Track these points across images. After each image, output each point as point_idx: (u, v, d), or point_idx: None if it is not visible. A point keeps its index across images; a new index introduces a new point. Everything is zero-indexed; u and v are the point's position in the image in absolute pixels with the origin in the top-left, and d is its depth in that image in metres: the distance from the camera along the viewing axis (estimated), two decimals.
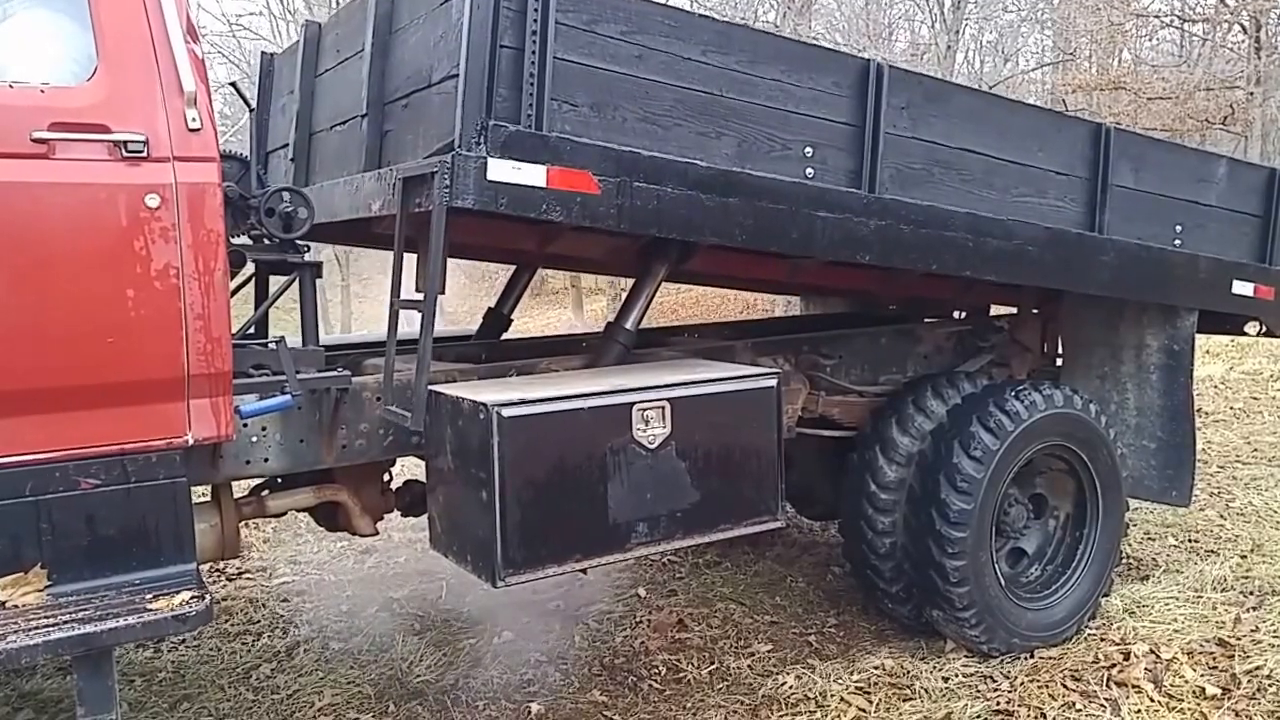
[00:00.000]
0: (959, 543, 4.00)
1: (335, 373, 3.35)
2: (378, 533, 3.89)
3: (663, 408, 3.16)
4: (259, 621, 5.00)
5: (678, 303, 20.39)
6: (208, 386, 2.82)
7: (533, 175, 2.96)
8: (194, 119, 2.73)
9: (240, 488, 3.68)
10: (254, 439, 3.29)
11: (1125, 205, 4.37)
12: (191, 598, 2.70)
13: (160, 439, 2.79)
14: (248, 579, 5.72)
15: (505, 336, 5.06)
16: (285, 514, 3.92)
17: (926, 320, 5.30)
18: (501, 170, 2.90)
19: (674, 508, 3.20)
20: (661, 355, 4.12)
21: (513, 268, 5.21)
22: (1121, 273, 4.38)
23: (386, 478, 3.94)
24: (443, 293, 3.12)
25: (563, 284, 19.29)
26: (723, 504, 3.30)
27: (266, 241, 3.35)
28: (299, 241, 3.33)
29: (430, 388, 3.20)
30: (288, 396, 3.11)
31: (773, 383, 3.39)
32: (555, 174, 2.99)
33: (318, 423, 3.40)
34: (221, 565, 5.80)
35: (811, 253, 3.64)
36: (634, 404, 3.13)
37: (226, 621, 4.97)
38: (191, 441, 2.83)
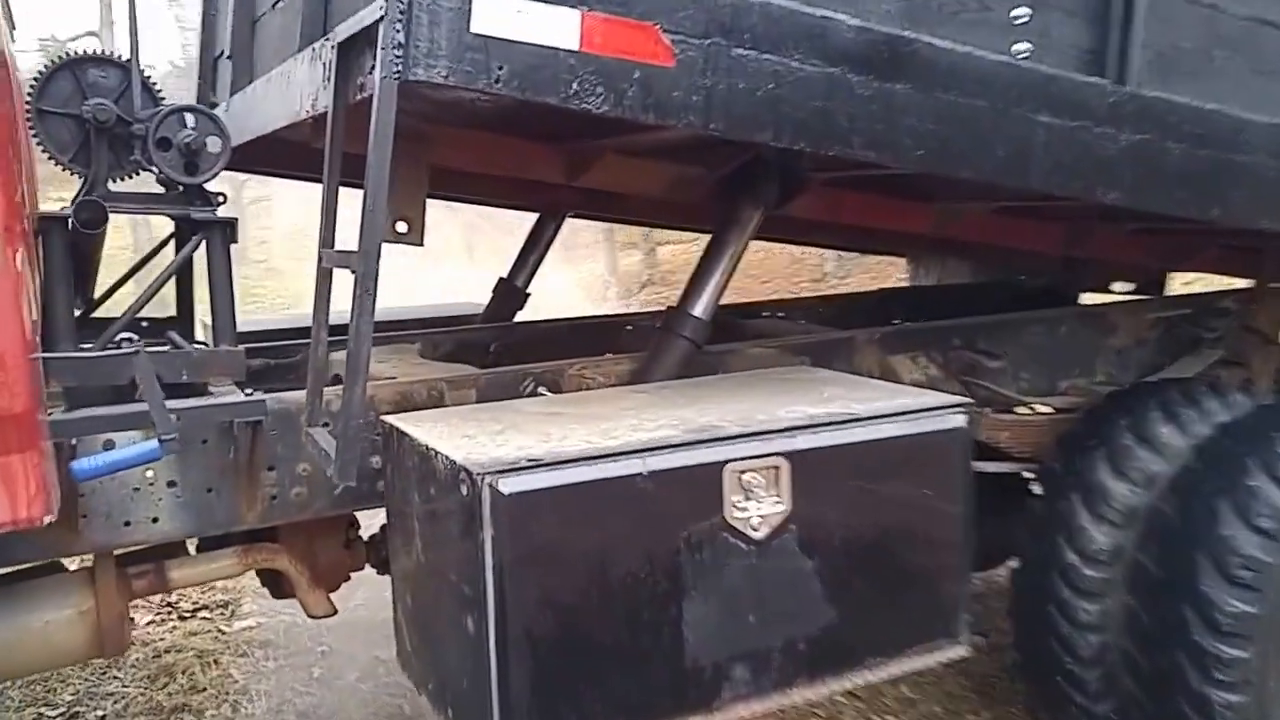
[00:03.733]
0: (1234, 666, 2.67)
1: (244, 398, 2.24)
2: (335, 611, 2.97)
3: (776, 467, 1.97)
4: (203, 689, 4.21)
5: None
6: None
7: (554, 27, 1.83)
8: None
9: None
10: (135, 489, 2.37)
11: None
12: None
13: None
14: (204, 619, 4.97)
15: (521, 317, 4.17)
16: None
17: (1117, 300, 4.12)
18: (496, 16, 1.78)
19: (794, 636, 2.04)
20: (747, 355, 2.98)
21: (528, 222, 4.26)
22: None
23: (352, 526, 3.01)
24: (419, 244, 2.38)
25: (593, 236, 16.75)
26: (874, 626, 2.16)
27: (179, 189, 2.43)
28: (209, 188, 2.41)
29: (386, 419, 2.25)
30: (153, 442, 2.00)
31: (962, 422, 2.16)
32: (595, 26, 1.87)
33: (232, 464, 2.44)
34: (175, 599, 5.06)
35: (1026, 183, 2.46)
36: (727, 462, 1.95)
37: (164, 688, 4.18)
38: None
